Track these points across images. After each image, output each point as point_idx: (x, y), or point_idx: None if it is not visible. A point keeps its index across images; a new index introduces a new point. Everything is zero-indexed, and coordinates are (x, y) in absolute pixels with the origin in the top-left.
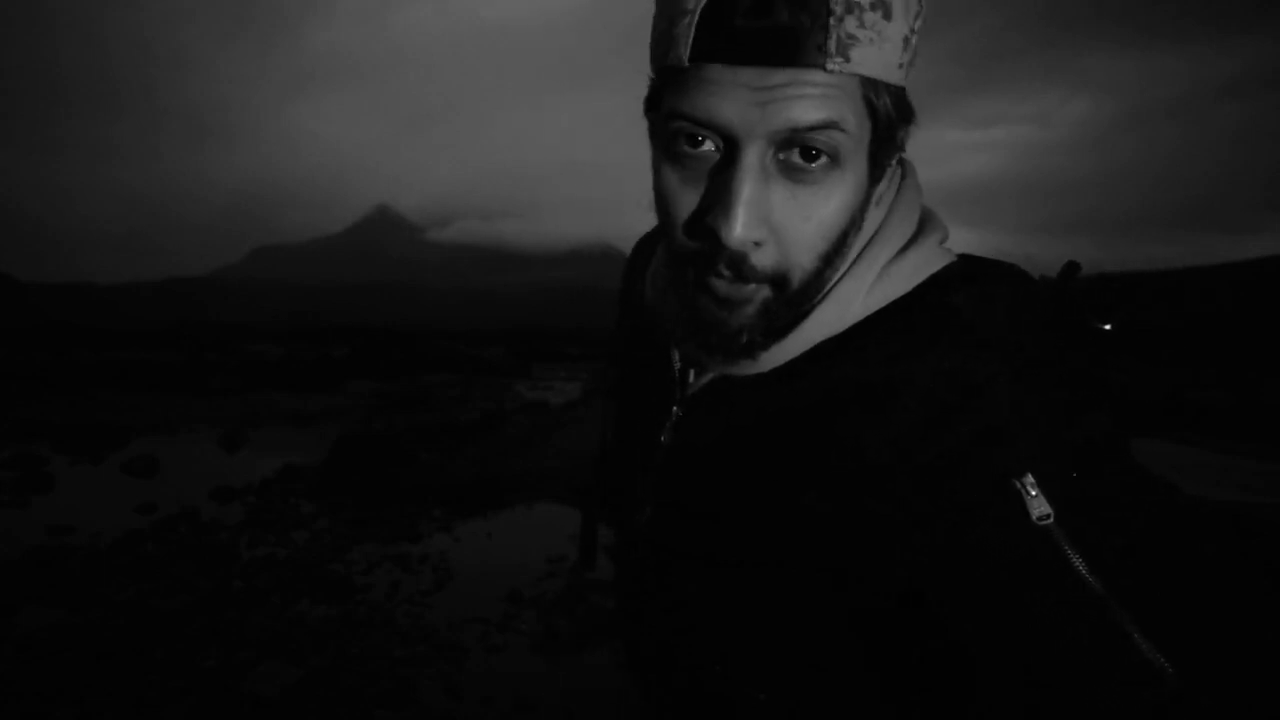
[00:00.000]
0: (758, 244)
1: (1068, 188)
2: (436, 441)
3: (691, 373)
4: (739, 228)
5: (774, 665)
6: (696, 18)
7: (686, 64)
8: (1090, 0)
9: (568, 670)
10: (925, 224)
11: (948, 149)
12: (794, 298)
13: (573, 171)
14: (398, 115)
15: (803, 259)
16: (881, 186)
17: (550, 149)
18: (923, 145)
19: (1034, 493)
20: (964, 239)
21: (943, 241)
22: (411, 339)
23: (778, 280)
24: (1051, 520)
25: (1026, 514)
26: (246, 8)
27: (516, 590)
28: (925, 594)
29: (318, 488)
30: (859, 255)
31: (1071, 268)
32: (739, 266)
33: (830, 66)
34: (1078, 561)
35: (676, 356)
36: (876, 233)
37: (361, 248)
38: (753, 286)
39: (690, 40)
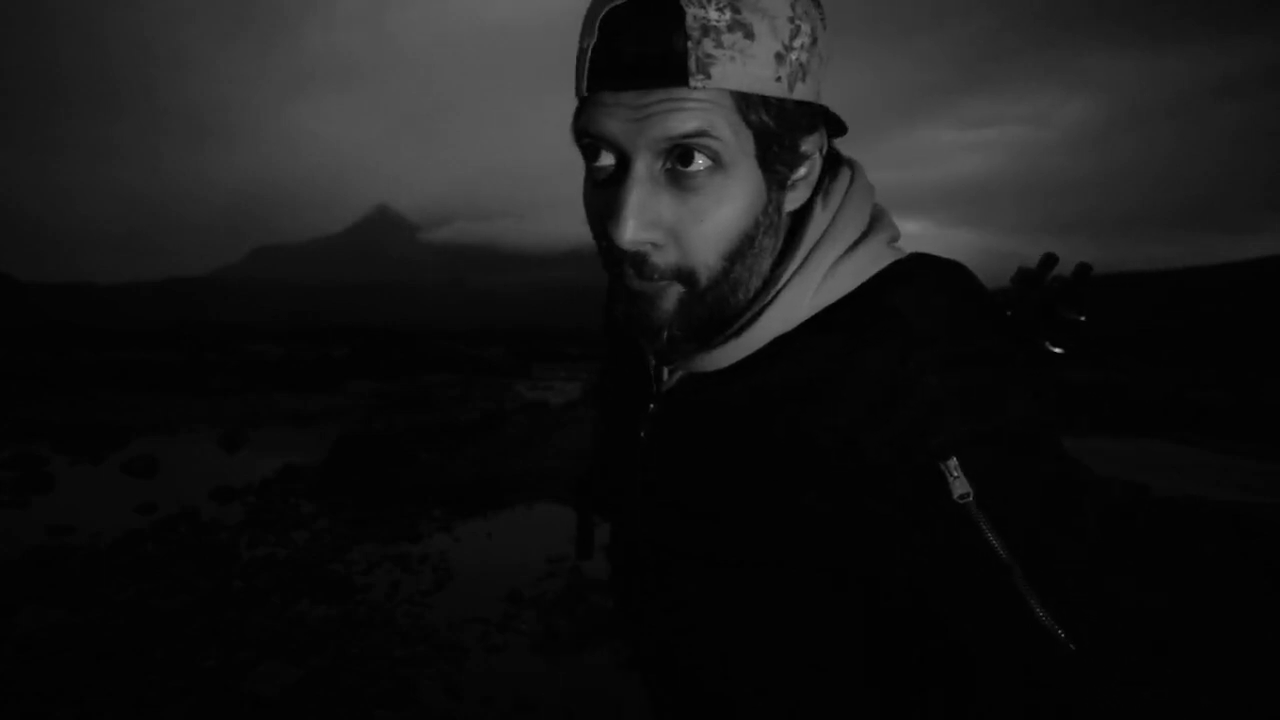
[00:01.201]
0: (657, 245)
1: (1066, 188)
2: (436, 441)
3: (665, 370)
4: (628, 232)
5: (773, 665)
6: (589, 56)
7: (586, 94)
8: (1088, 0)
9: (568, 670)
10: (875, 224)
11: (945, 149)
12: (707, 294)
13: (572, 171)
14: (398, 116)
15: (706, 258)
16: (803, 192)
17: (550, 148)
18: (919, 145)
19: (956, 474)
20: (962, 239)
21: (892, 241)
22: (411, 339)
23: (685, 277)
24: (970, 499)
25: (950, 494)
26: (246, 8)
27: (516, 590)
28: (870, 570)
29: (318, 488)
30: (807, 256)
31: (1049, 259)
32: (640, 266)
33: (694, 83)
34: (991, 536)
35: (651, 354)
36: (824, 234)
37: (361, 248)
38: (662, 282)
39: (586, 74)
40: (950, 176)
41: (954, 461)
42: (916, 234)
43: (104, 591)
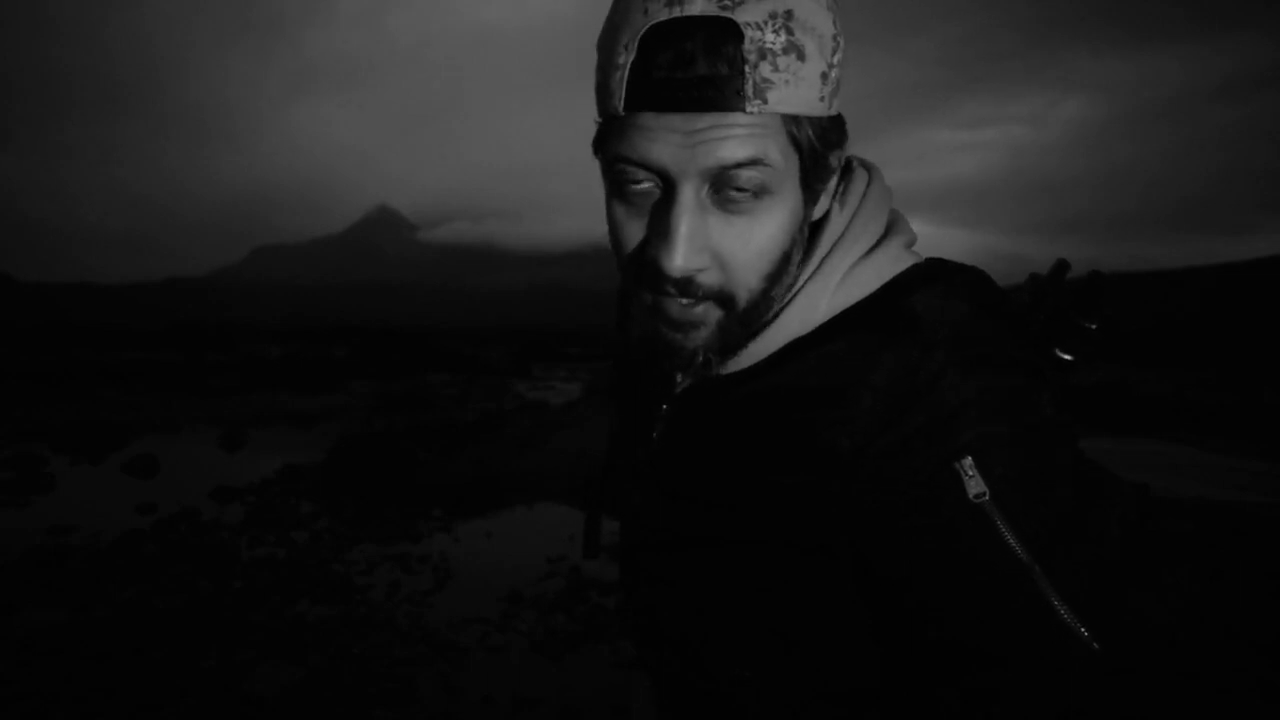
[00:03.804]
0: (701, 269)
1: (1062, 188)
2: (436, 441)
3: (679, 373)
4: (680, 259)
5: (752, 642)
6: (627, 71)
7: (622, 112)
8: (1082, 0)
9: (568, 670)
10: (892, 228)
11: (941, 149)
12: (744, 316)
13: (574, 171)
14: (398, 116)
15: (748, 280)
16: (825, 203)
17: (550, 149)
18: (915, 146)
19: (972, 474)
20: (959, 239)
21: (909, 245)
22: (411, 339)
23: (725, 300)
24: (987, 497)
25: (965, 493)
26: (247, 10)
27: (516, 590)
28: (878, 570)
29: (318, 488)
30: (824, 259)
31: (1061, 266)
32: (686, 289)
33: (750, 109)
34: (1008, 534)
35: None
36: (841, 237)
37: (361, 247)
38: (703, 308)
39: (623, 91)
40: (947, 177)
41: (969, 461)
42: None
43: (104, 591)
